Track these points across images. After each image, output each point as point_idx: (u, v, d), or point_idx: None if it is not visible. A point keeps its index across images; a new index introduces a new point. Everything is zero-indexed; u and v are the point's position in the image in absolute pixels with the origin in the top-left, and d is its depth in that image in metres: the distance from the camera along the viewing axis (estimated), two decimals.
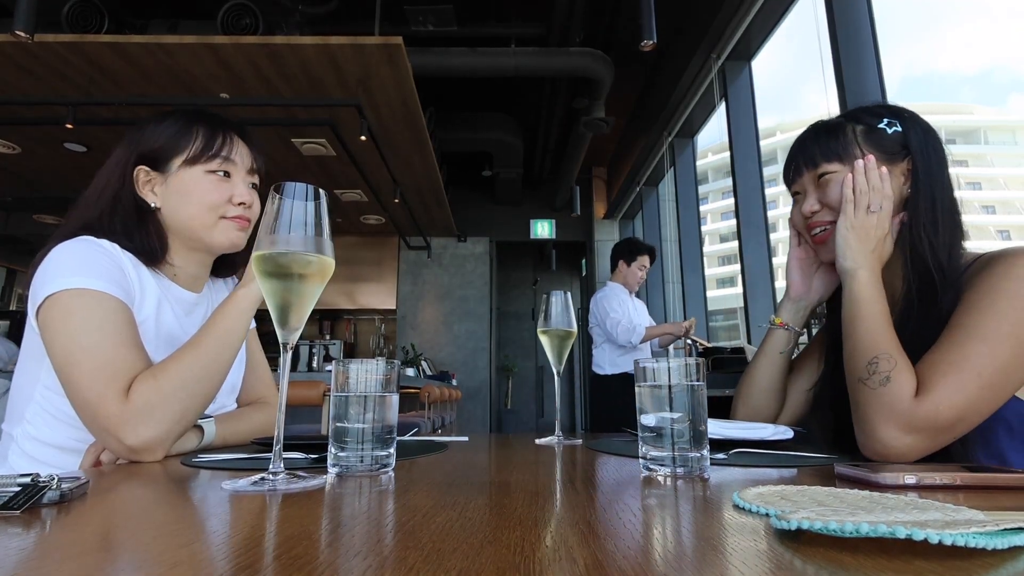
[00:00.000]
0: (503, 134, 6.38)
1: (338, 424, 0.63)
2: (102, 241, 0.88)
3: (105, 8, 3.69)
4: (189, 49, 3.37)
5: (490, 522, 0.40)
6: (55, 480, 0.46)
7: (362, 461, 0.63)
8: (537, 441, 0.98)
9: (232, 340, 0.84)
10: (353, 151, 4.31)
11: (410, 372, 6.02)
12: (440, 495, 0.50)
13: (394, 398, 0.67)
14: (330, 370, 0.68)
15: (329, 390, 0.99)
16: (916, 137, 0.87)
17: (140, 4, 4.14)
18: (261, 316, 0.91)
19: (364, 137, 3.82)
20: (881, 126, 0.88)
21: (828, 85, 2.88)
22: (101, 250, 0.86)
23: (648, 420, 0.62)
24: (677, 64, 4.60)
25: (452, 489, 0.53)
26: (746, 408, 1.04)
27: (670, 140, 5.41)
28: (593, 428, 4.04)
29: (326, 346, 6.87)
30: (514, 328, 9.48)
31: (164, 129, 0.94)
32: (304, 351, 6.47)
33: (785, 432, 0.83)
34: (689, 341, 3.44)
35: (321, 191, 0.61)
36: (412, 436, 1.04)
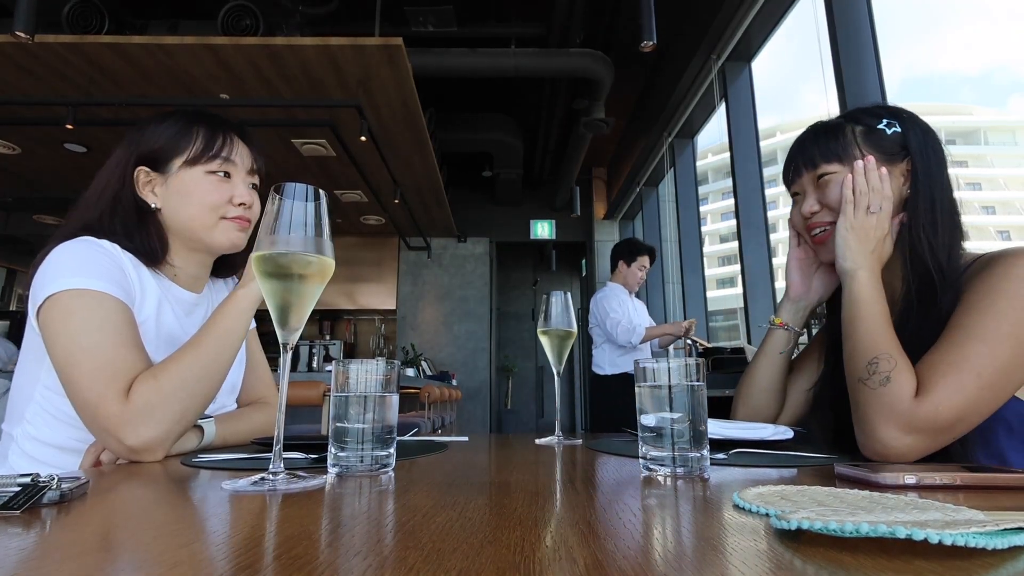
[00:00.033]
0: (503, 135, 6.38)
1: (338, 424, 0.63)
2: (102, 241, 0.88)
3: (105, 8, 3.69)
4: (189, 50, 3.38)
5: (490, 522, 0.40)
6: (55, 480, 0.46)
7: (362, 461, 0.63)
8: (537, 441, 0.98)
9: (232, 340, 0.84)
10: (353, 152, 4.31)
11: (410, 372, 6.02)
12: (440, 495, 0.50)
13: (394, 398, 0.67)
14: (330, 370, 0.68)
15: (329, 390, 0.99)
16: (915, 138, 0.87)
17: (140, 4, 4.14)
18: (261, 316, 0.92)
19: (364, 138, 3.83)
20: (880, 127, 0.88)
21: (828, 86, 2.88)
22: (101, 250, 0.86)
23: (648, 420, 0.62)
24: (677, 65, 4.60)
25: (452, 489, 0.53)
26: (746, 408, 1.04)
27: (670, 141, 5.41)
28: (593, 428, 4.04)
29: (326, 346, 6.88)
30: (514, 328, 9.48)
31: (164, 130, 0.94)
32: (304, 351, 6.47)
33: (785, 432, 0.83)
34: (689, 341, 3.44)
35: (321, 192, 0.61)
36: (412, 436, 1.04)
